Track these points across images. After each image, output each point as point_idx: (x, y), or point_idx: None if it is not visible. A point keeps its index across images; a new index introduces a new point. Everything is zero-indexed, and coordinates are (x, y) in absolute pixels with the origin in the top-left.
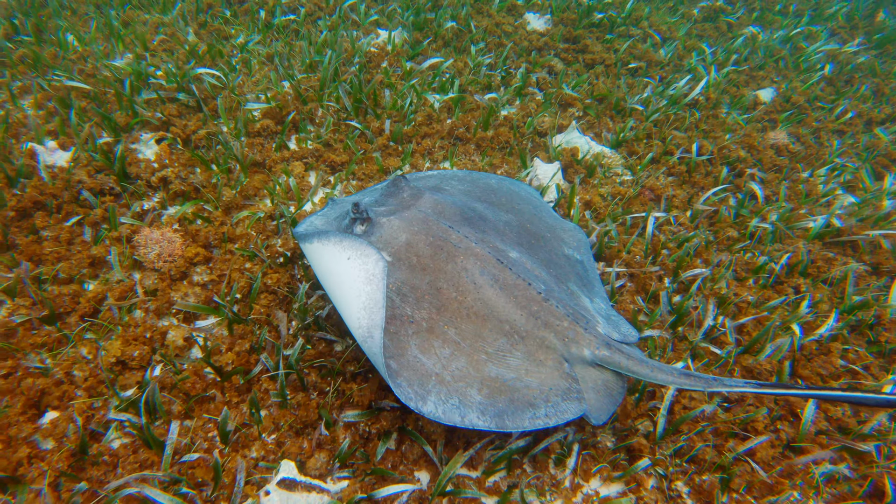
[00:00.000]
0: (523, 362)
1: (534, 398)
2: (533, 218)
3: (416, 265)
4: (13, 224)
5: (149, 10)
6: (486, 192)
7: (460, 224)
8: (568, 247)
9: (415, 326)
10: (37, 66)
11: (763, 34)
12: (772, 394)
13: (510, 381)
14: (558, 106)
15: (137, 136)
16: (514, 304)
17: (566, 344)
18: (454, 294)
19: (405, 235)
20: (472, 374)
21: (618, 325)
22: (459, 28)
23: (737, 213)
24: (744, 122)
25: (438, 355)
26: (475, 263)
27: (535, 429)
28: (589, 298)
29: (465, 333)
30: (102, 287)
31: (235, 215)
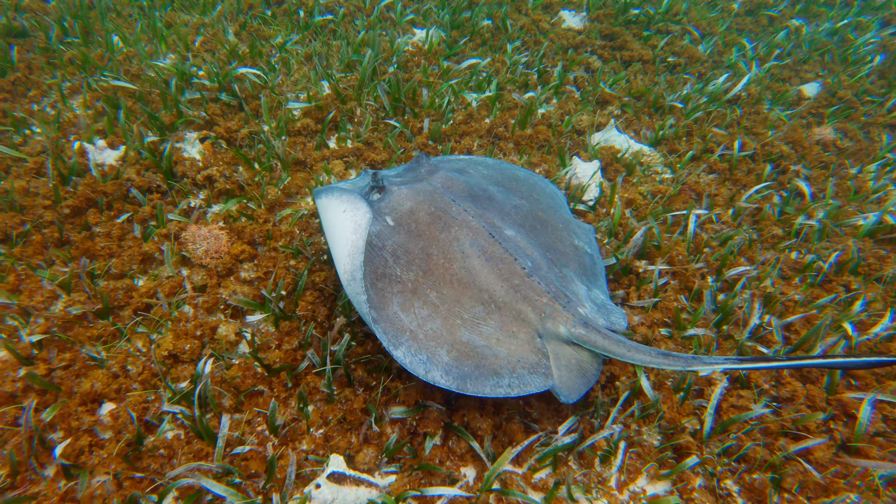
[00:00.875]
0: (496, 332)
1: (500, 367)
2: (548, 209)
3: (414, 231)
4: (67, 220)
5: (190, 11)
6: (508, 179)
7: (464, 199)
8: (579, 238)
9: (401, 286)
10: (85, 66)
11: (807, 27)
12: (751, 368)
13: (480, 348)
14: (596, 104)
15: (182, 136)
16: (497, 275)
17: (542, 319)
18: (442, 261)
19: (410, 204)
20: (445, 336)
21: (609, 313)
22: (495, 26)
23: (781, 210)
24: (787, 118)
25: (416, 315)
26: (467, 234)
27: (495, 396)
28: (586, 287)
29: (446, 298)
30: (152, 283)
31: (279, 213)
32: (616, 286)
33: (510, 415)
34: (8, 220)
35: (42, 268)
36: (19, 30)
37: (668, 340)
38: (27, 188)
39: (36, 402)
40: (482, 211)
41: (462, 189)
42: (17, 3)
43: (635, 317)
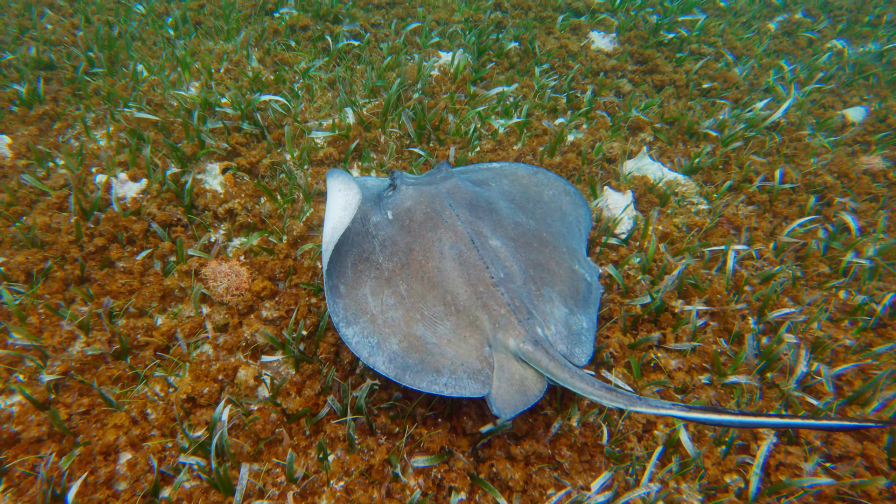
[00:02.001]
0: (449, 333)
1: (442, 367)
2: (557, 233)
3: (406, 227)
4: (89, 257)
5: (214, 38)
6: (526, 197)
7: (462, 206)
8: (581, 265)
9: (378, 273)
10: (110, 98)
11: (850, 48)
12: (701, 420)
13: (430, 345)
14: (628, 130)
15: (204, 167)
16: (465, 280)
17: (495, 329)
18: (421, 257)
19: (410, 202)
20: (402, 326)
21: (576, 343)
22: (523, 49)
23: (827, 246)
24: (830, 146)
25: (383, 301)
26: (450, 237)
27: (429, 392)
28: (569, 310)
29: (413, 292)
30: (172, 321)
31: (301, 247)
32: (652, 327)
33: (540, 468)
34: (31, 257)
35: (62, 307)
36: (47, 63)
37: (707, 388)
38: (49, 223)
39: (55, 450)
40: (474, 219)
41: (465, 197)
42: (47, 36)
43: (672, 361)
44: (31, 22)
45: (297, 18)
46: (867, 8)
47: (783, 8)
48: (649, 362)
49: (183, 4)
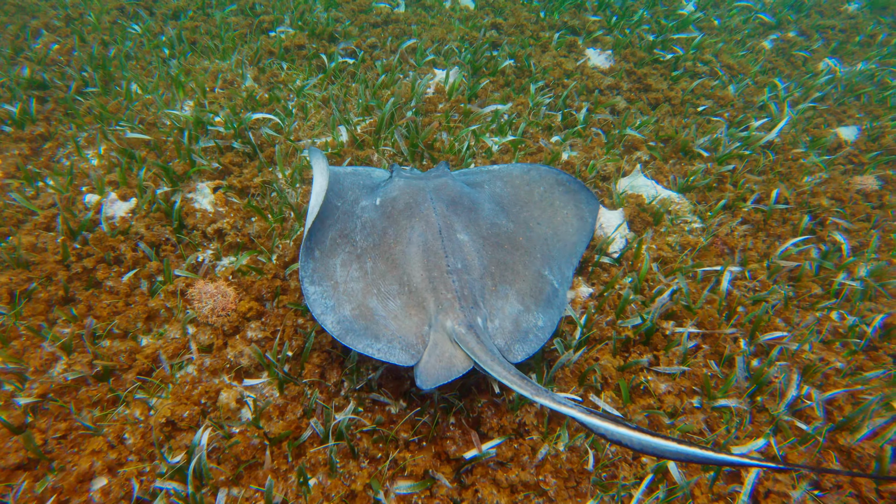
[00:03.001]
0: (397, 309)
1: (381, 335)
2: (538, 237)
3: (387, 213)
4: (75, 278)
5: (210, 57)
6: (513, 199)
7: (442, 202)
8: (552, 272)
9: (352, 248)
10: (102, 117)
11: (841, 68)
12: (594, 428)
13: (378, 317)
14: (622, 148)
15: (194, 186)
16: (423, 265)
17: (438, 311)
18: (391, 241)
19: (397, 193)
20: (358, 297)
21: (519, 340)
22: (518, 66)
23: (819, 266)
24: (824, 165)
25: (348, 274)
26: (421, 226)
27: (362, 353)
28: (524, 308)
29: (376, 269)
30: (156, 342)
31: (289, 267)
32: (643, 349)
33: (525, 495)
34: (14, 277)
35: (44, 329)
36: (40, 82)
37: (697, 412)
38: (35, 243)
39: (27, 477)
40: (450, 214)
41: (448, 194)
42: (41, 56)
43: (662, 384)
44: (26, 43)
45: (293, 37)
46: (861, 27)
47: (777, 27)
48: (639, 385)
49: (178, 24)
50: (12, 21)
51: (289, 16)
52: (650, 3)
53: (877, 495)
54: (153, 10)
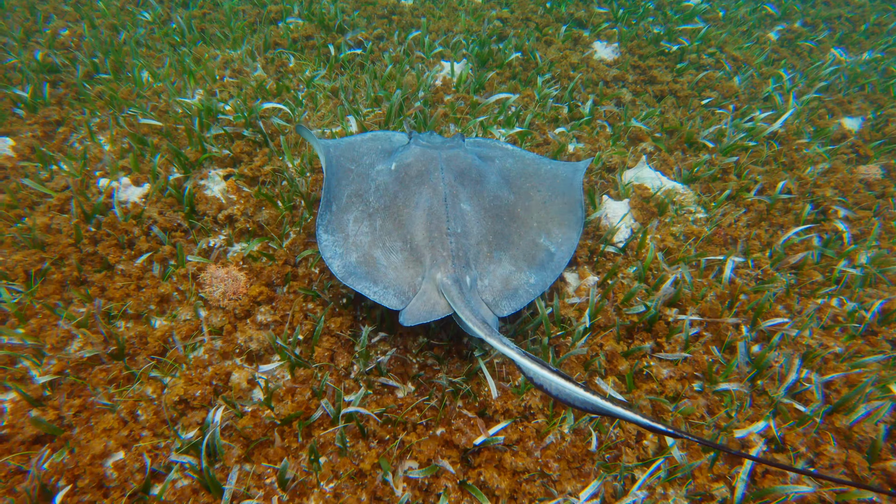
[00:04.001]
0: (398, 262)
1: (378, 280)
2: (536, 209)
3: (400, 177)
4: (87, 260)
5: (219, 45)
6: (520, 173)
7: (451, 172)
8: (549, 240)
9: (364, 207)
10: (113, 103)
11: (847, 58)
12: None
13: (380, 266)
14: (627, 140)
15: (206, 173)
16: (426, 226)
17: (432, 266)
18: (401, 204)
19: (411, 159)
20: (364, 249)
21: (508, 296)
22: (525, 59)
23: (821, 254)
24: (827, 155)
25: (359, 229)
26: (429, 193)
27: (359, 292)
28: (515, 268)
29: (384, 227)
30: (169, 323)
31: (300, 254)
32: (646, 335)
33: (530, 476)
34: (29, 258)
35: (59, 307)
36: (52, 66)
37: (699, 396)
38: (50, 225)
39: (47, 450)
40: (457, 184)
41: (458, 165)
42: (52, 41)
43: (664, 370)
44: (37, 26)
45: (301, 28)
46: (867, 16)
47: (782, 18)
48: (642, 370)
49: (187, 13)
50: (21, 4)
51: (297, 6)
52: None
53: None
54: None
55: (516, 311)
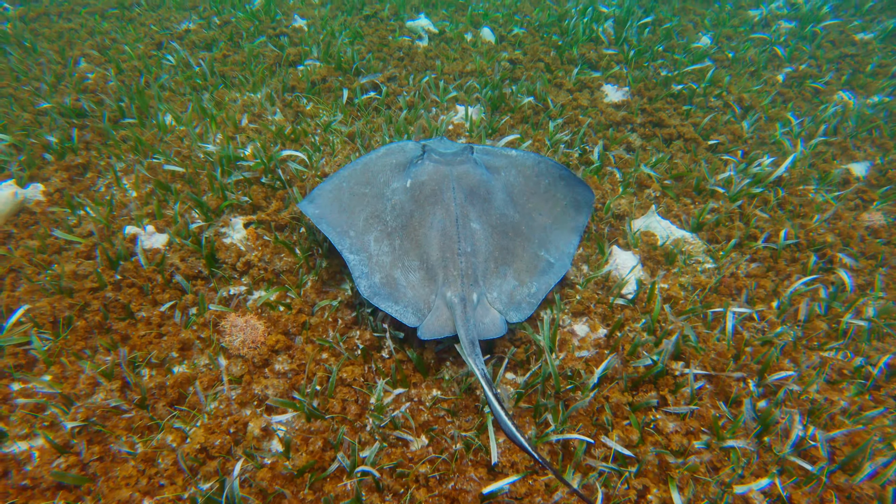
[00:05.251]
0: (416, 281)
1: (399, 299)
2: (539, 225)
3: (416, 196)
4: (111, 307)
5: (240, 89)
6: (523, 189)
7: (462, 191)
8: (548, 252)
9: (383, 227)
10: (138, 147)
11: (855, 101)
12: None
13: (399, 286)
14: (636, 186)
15: (227, 220)
16: (439, 246)
17: (444, 284)
18: (416, 223)
19: (426, 177)
20: (386, 268)
21: (513, 308)
22: (536, 104)
23: (828, 306)
24: (834, 201)
25: (380, 248)
26: (442, 213)
27: (384, 311)
28: (518, 282)
29: (403, 247)
30: (190, 371)
31: (317, 303)
32: (650, 387)
33: None
34: (57, 304)
35: (87, 355)
36: (80, 111)
37: (705, 452)
38: (76, 271)
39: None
40: (467, 204)
41: (468, 183)
42: (84, 85)
43: (670, 423)
44: (67, 69)
45: (319, 69)
46: (871, 56)
47: (790, 60)
48: (649, 423)
49: (210, 55)
50: (52, 48)
51: (315, 48)
52: (666, 37)
53: None
54: (185, 39)
55: (523, 320)
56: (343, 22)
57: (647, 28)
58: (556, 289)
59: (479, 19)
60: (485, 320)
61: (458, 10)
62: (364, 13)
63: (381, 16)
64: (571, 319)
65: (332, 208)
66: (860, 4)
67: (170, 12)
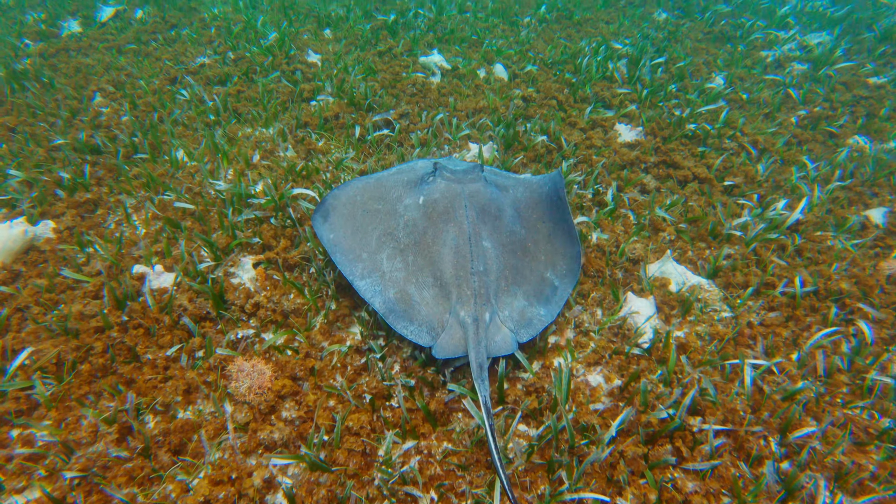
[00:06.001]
0: (430, 298)
1: (414, 318)
2: (542, 241)
3: (428, 213)
4: (117, 350)
5: (252, 124)
6: (528, 205)
7: (473, 208)
8: (553, 273)
9: (395, 244)
10: (150, 184)
11: (870, 145)
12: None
13: (414, 303)
14: (651, 229)
15: (236, 260)
16: (453, 264)
17: (458, 303)
18: (430, 240)
19: (438, 195)
20: (400, 284)
21: (524, 325)
22: (549, 143)
23: (851, 361)
24: (853, 248)
25: (393, 265)
26: (455, 230)
27: (399, 332)
28: (527, 303)
29: (417, 263)
30: (195, 419)
31: (326, 347)
32: (665, 440)
33: None
34: (63, 346)
35: (90, 401)
36: (94, 147)
37: None
38: (83, 312)
39: None
40: (479, 222)
41: (479, 201)
42: (93, 120)
43: (689, 483)
44: (82, 105)
45: (332, 106)
46: (885, 100)
47: (804, 102)
48: (667, 482)
49: (224, 90)
50: (70, 83)
51: (329, 84)
52: (679, 76)
53: None
54: (199, 73)
55: (532, 337)
56: (357, 57)
57: (659, 68)
58: (570, 336)
59: (493, 56)
60: (496, 338)
61: (471, 47)
62: (378, 49)
63: (395, 52)
64: (585, 369)
65: (345, 229)
66: (872, 49)
67: (185, 47)
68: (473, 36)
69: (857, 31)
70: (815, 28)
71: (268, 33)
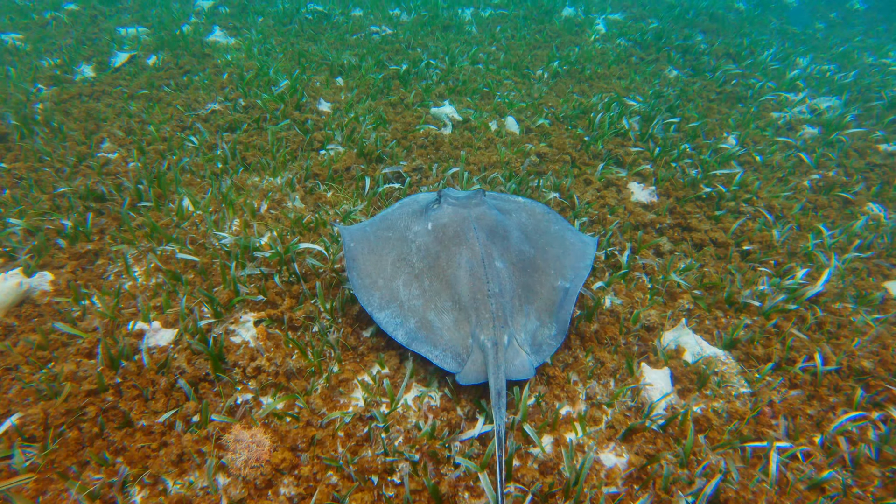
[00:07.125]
0: (450, 322)
1: (437, 343)
2: (552, 257)
3: (439, 238)
4: (108, 413)
5: (260, 173)
6: (534, 228)
7: (483, 230)
8: (564, 280)
9: (410, 269)
10: (153, 234)
11: (885, 214)
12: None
13: (435, 328)
14: (667, 295)
15: (238, 318)
16: (470, 287)
17: (478, 326)
18: (444, 264)
19: (446, 220)
20: (420, 312)
21: (535, 351)
22: (562, 200)
23: (878, 450)
24: (874, 324)
25: (410, 292)
26: (468, 253)
27: (425, 356)
28: (539, 322)
29: (433, 288)
30: (187, 492)
31: (327, 415)
32: None
33: None
34: (52, 410)
35: (74, 473)
36: (99, 194)
37: None
38: (76, 371)
39: None
40: (489, 243)
41: (487, 223)
42: (100, 167)
43: None
44: (90, 150)
45: (342, 157)
46: None
47: (816, 167)
48: None
49: (233, 137)
50: (79, 128)
51: (339, 133)
52: (692, 136)
53: None
54: (210, 120)
55: (543, 362)
56: (368, 107)
57: (672, 126)
58: (582, 410)
59: (504, 108)
60: (515, 362)
61: (482, 99)
62: (389, 98)
63: (407, 102)
64: (598, 446)
65: (362, 247)
66: (881, 116)
67: (197, 94)
68: (485, 88)
69: (866, 98)
70: (825, 92)
71: (279, 81)
